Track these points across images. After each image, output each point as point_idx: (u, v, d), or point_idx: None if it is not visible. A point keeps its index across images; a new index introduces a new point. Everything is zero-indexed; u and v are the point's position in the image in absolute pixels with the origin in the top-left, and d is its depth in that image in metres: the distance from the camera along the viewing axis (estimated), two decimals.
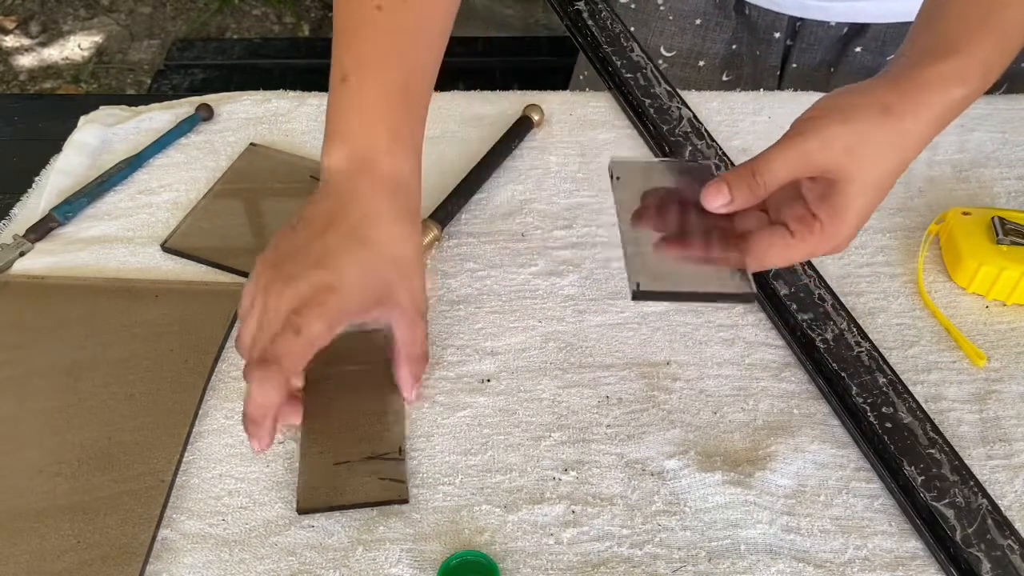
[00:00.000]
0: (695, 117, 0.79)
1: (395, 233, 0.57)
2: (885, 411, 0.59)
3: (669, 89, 0.81)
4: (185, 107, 0.84)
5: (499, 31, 2.15)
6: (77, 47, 2.45)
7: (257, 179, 0.78)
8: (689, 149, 0.76)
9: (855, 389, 0.60)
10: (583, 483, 0.58)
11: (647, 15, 0.91)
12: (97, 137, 0.81)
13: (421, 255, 0.60)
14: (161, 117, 0.83)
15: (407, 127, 0.59)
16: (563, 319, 0.67)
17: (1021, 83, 0.87)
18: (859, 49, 0.87)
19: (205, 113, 0.83)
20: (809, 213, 0.51)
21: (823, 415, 0.61)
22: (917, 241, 0.71)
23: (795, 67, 0.90)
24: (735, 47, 0.91)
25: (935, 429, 0.58)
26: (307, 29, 2.50)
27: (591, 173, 0.78)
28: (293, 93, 0.87)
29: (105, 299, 0.68)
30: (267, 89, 0.87)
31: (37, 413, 0.61)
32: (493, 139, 0.79)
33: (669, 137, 0.77)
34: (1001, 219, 0.68)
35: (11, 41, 2.46)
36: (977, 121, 0.81)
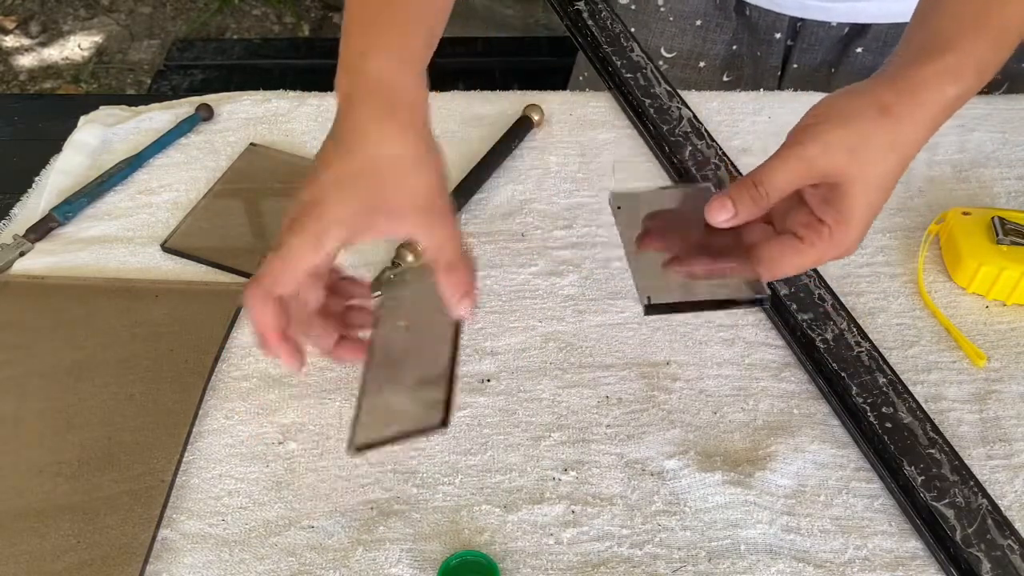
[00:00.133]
0: (695, 117, 0.79)
1: (384, 135, 0.53)
2: (885, 411, 0.59)
3: (669, 89, 0.81)
4: (185, 107, 0.84)
5: (499, 31, 2.15)
6: (77, 47, 2.45)
7: (257, 179, 0.78)
8: (689, 149, 0.76)
9: (855, 389, 0.60)
10: (583, 483, 0.58)
11: (647, 16, 0.91)
12: (97, 137, 0.81)
13: (426, 159, 0.55)
14: (161, 117, 0.83)
15: (408, 53, 0.56)
16: (563, 319, 0.67)
17: (1021, 83, 0.87)
18: (860, 50, 0.87)
19: (205, 113, 0.83)
20: (816, 219, 0.51)
21: (823, 415, 0.61)
22: (917, 241, 0.71)
23: (796, 67, 0.90)
24: (736, 48, 0.91)
25: (935, 429, 0.58)
26: (307, 29, 2.50)
27: (591, 173, 0.78)
28: (293, 93, 0.87)
29: (105, 299, 0.68)
30: (267, 89, 0.87)
31: (37, 413, 0.61)
32: (493, 139, 0.79)
33: (669, 137, 0.77)
34: (1001, 219, 0.68)
35: (11, 41, 2.46)
36: (977, 121, 0.81)
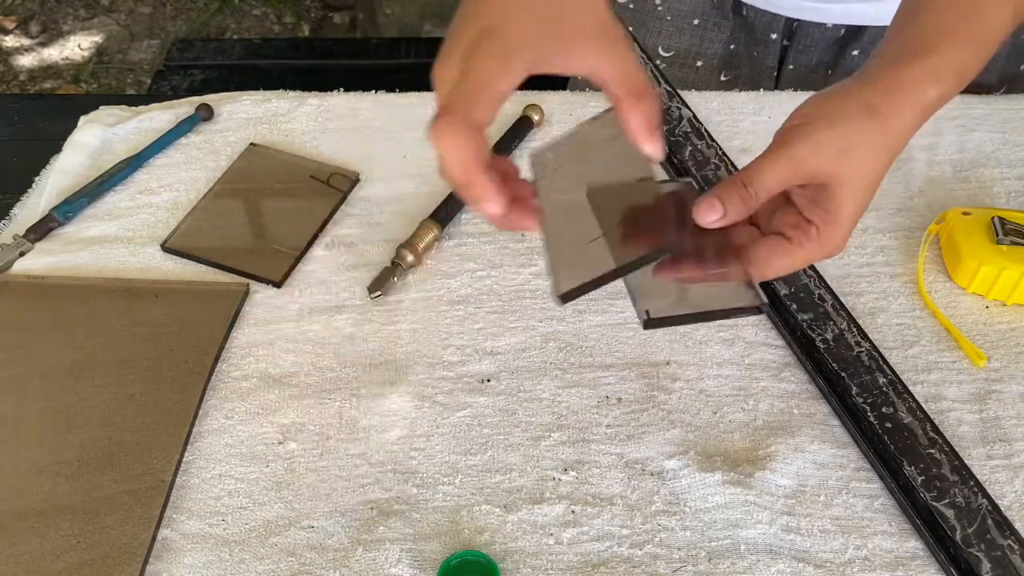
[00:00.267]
0: (695, 117, 0.79)
1: None
2: (885, 411, 0.59)
3: (669, 89, 0.81)
4: (185, 107, 0.84)
5: None
6: (77, 47, 2.45)
7: (257, 179, 0.78)
8: (689, 149, 0.76)
9: (855, 389, 0.60)
10: (583, 483, 0.58)
11: (645, 15, 0.91)
12: (97, 137, 0.81)
13: None
14: (161, 117, 0.83)
15: None
16: (563, 319, 0.67)
17: (1019, 86, 0.87)
18: (856, 52, 0.87)
19: (205, 113, 0.83)
20: (803, 219, 0.51)
21: (823, 415, 0.61)
22: (917, 241, 0.71)
23: (792, 68, 0.90)
24: (733, 47, 0.91)
25: (935, 429, 0.58)
26: (307, 29, 2.50)
27: None
28: (293, 93, 0.87)
29: (105, 299, 0.68)
30: (267, 89, 0.87)
31: (37, 413, 0.61)
32: (493, 139, 0.79)
33: (669, 137, 0.77)
34: (1001, 219, 0.68)
35: (11, 41, 2.46)
36: (977, 121, 0.81)
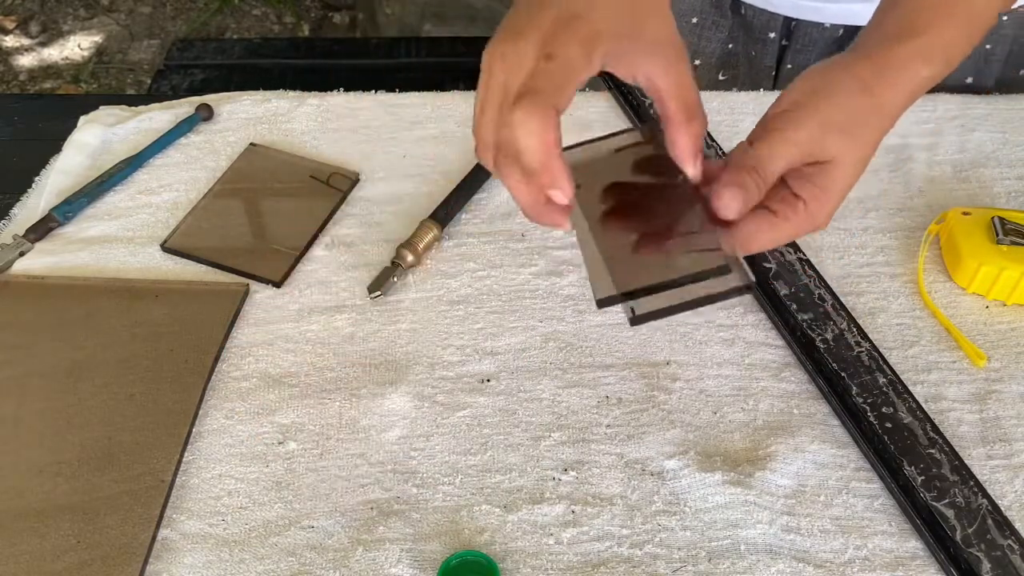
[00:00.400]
0: None
1: None
2: (885, 411, 0.59)
3: None
4: (185, 107, 0.84)
5: None
6: (77, 47, 2.45)
7: (257, 179, 0.78)
8: None
9: (855, 389, 0.60)
10: (583, 483, 0.58)
11: None
12: (97, 137, 0.81)
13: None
14: (161, 117, 0.83)
15: None
16: (563, 319, 0.67)
17: (1019, 88, 0.86)
18: None
19: (205, 113, 0.83)
20: (791, 193, 0.50)
21: (823, 415, 0.61)
22: (917, 241, 0.71)
23: (790, 68, 0.90)
24: (731, 47, 0.91)
25: (935, 429, 0.58)
26: (307, 29, 2.50)
27: None
28: (293, 93, 0.87)
29: (105, 299, 0.68)
30: (267, 89, 0.87)
31: (37, 413, 0.61)
32: None
33: None
34: (1001, 219, 0.68)
35: (11, 41, 2.46)
36: (977, 121, 0.81)
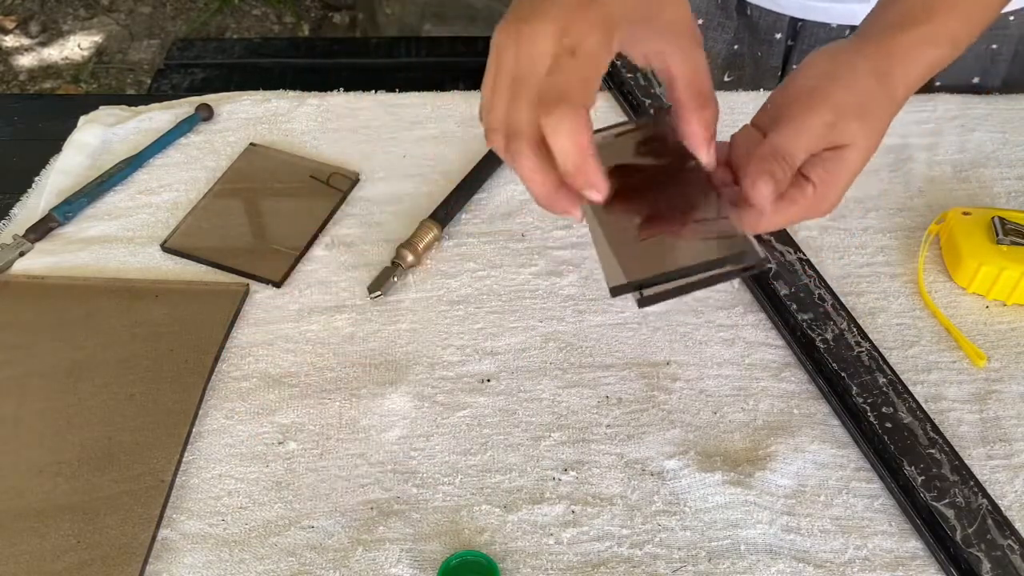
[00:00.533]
0: None
1: None
2: (885, 411, 0.59)
3: None
4: (185, 107, 0.84)
5: None
6: (77, 47, 2.45)
7: (257, 179, 0.78)
8: None
9: (855, 389, 0.60)
10: (583, 483, 0.58)
11: None
12: (97, 137, 0.81)
13: None
14: (161, 117, 0.83)
15: None
16: (563, 319, 0.67)
17: (1020, 86, 0.87)
18: None
19: (205, 113, 0.83)
20: (801, 176, 0.49)
21: (823, 415, 0.61)
22: (917, 241, 0.71)
23: (785, 80, 0.90)
24: (737, 48, 0.91)
25: (935, 429, 0.58)
26: (307, 29, 2.50)
27: None
28: (293, 93, 0.87)
29: (105, 299, 0.68)
30: (267, 89, 0.87)
31: (37, 413, 0.61)
32: None
33: None
34: (1001, 219, 0.68)
35: (11, 41, 2.46)
36: (977, 121, 0.81)
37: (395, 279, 0.69)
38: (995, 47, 0.84)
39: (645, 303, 0.46)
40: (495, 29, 0.46)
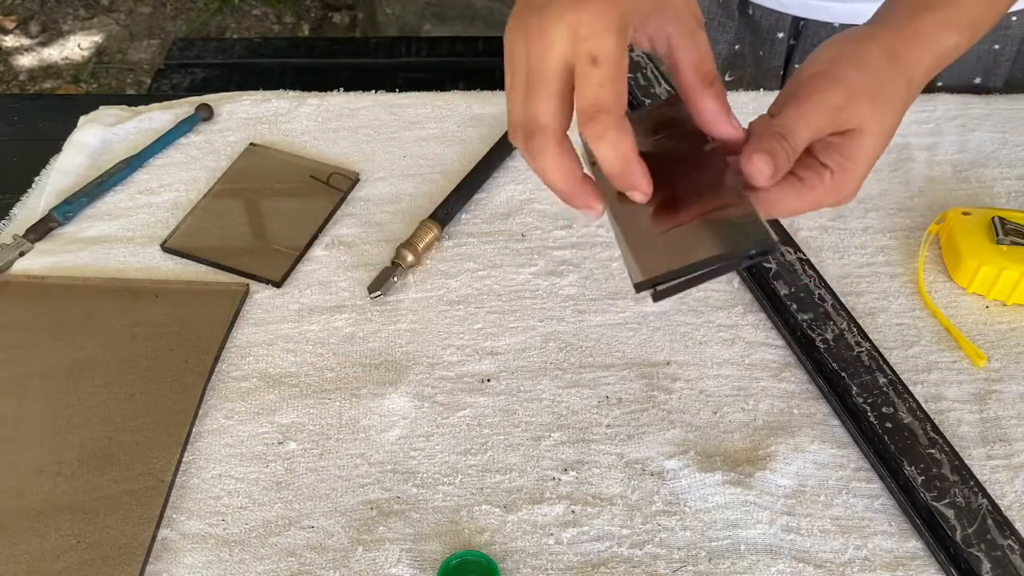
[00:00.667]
0: None
1: None
2: (885, 411, 0.59)
3: (670, 89, 0.81)
4: (185, 107, 0.84)
5: (500, 31, 2.15)
6: (77, 47, 2.45)
7: (257, 179, 0.78)
8: None
9: (855, 389, 0.60)
10: (583, 483, 0.58)
11: None
12: (97, 137, 0.81)
13: None
14: (161, 117, 0.83)
15: None
16: (563, 319, 0.67)
17: (1022, 86, 0.86)
18: None
19: (205, 113, 0.83)
20: (818, 162, 0.49)
21: (823, 415, 0.61)
22: (917, 241, 0.71)
23: (798, 67, 0.90)
24: (738, 47, 0.91)
25: (935, 429, 0.58)
26: (307, 29, 2.50)
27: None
28: (293, 93, 0.87)
29: (105, 299, 0.68)
30: (267, 89, 0.87)
31: (37, 413, 0.61)
32: (493, 139, 0.79)
33: None
34: (1001, 219, 0.68)
35: (11, 41, 2.46)
36: (977, 121, 0.81)
37: (395, 279, 0.69)
38: (997, 47, 0.84)
39: (659, 297, 0.46)
40: (507, 26, 0.47)
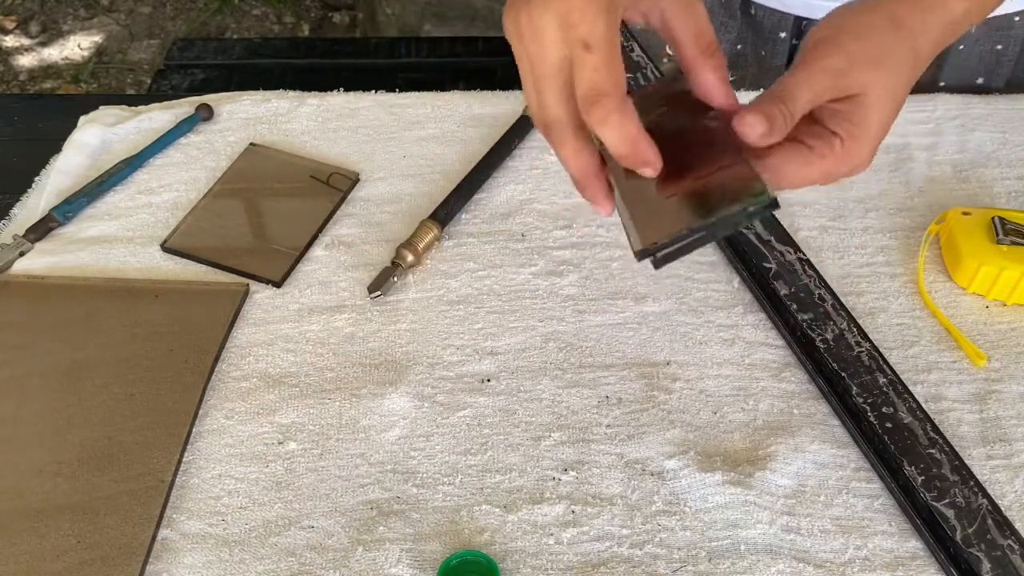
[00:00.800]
0: None
1: None
2: (885, 411, 0.59)
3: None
4: (185, 107, 0.84)
5: (500, 31, 2.15)
6: (77, 47, 2.45)
7: (257, 179, 0.78)
8: None
9: (855, 389, 0.60)
10: (583, 483, 0.58)
11: None
12: (97, 137, 0.81)
13: None
14: (161, 117, 0.83)
15: None
16: (563, 319, 0.67)
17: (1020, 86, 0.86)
18: None
19: (205, 113, 0.83)
20: (827, 131, 0.49)
21: (823, 415, 0.61)
22: (917, 241, 0.71)
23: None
24: (740, 47, 0.90)
25: (935, 429, 0.58)
26: (307, 29, 2.50)
27: None
28: (293, 93, 0.87)
29: (105, 299, 0.68)
30: (267, 89, 0.87)
31: (37, 413, 0.61)
32: (493, 139, 0.79)
33: None
34: (1001, 219, 0.68)
35: (11, 41, 2.46)
36: (977, 121, 0.81)
37: (395, 279, 0.69)
38: (1000, 47, 0.84)
39: (660, 264, 0.46)
40: (503, 17, 0.47)
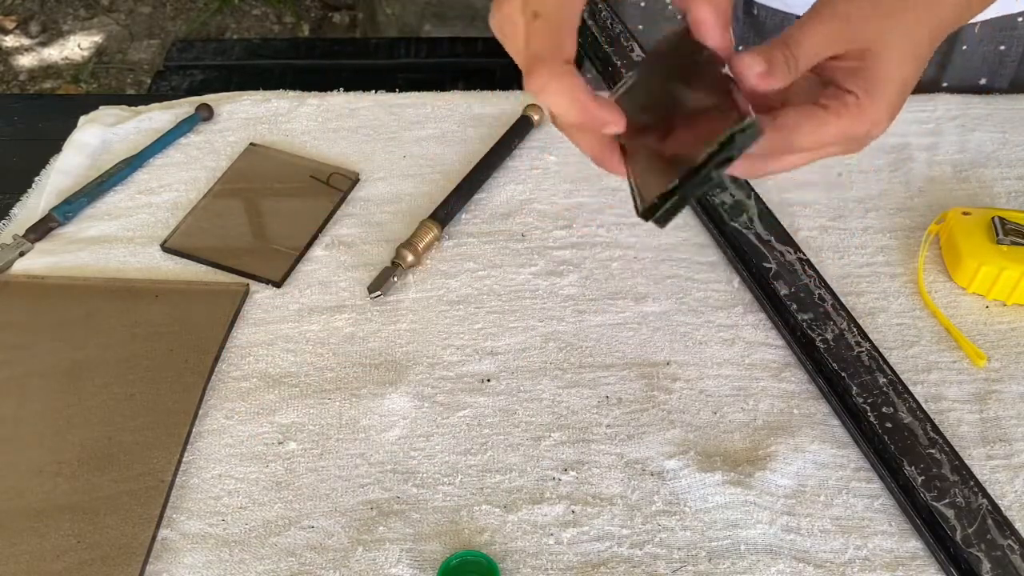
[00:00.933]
0: None
1: None
2: (885, 411, 0.59)
3: None
4: (185, 107, 0.84)
5: None
6: (77, 47, 2.45)
7: (257, 179, 0.78)
8: None
9: (855, 389, 0.60)
10: (583, 483, 0.58)
11: (655, 14, 0.90)
12: (97, 137, 0.81)
13: None
14: (161, 117, 0.83)
15: None
16: (563, 319, 0.67)
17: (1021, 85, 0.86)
18: None
19: (205, 113, 0.83)
20: (842, 90, 0.46)
21: (823, 415, 0.61)
22: (917, 241, 0.71)
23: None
24: (742, 48, 0.90)
25: (935, 429, 0.58)
26: (307, 29, 2.50)
27: (591, 173, 0.78)
28: (293, 93, 0.87)
29: (105, 299, 0.68)
30: (267, 89, 0.87)
31: (37, 413, 0.61)
32: (493, 139, 0.79)
33: None
34: (1001, 219, 0.68)
35: (11, 41, 2.46)
36: (977, 121, 0.81)
37: (395, 279, 0.69)
38: (1003, 48, 0.84)
39: (664, 221, 0.45)
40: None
